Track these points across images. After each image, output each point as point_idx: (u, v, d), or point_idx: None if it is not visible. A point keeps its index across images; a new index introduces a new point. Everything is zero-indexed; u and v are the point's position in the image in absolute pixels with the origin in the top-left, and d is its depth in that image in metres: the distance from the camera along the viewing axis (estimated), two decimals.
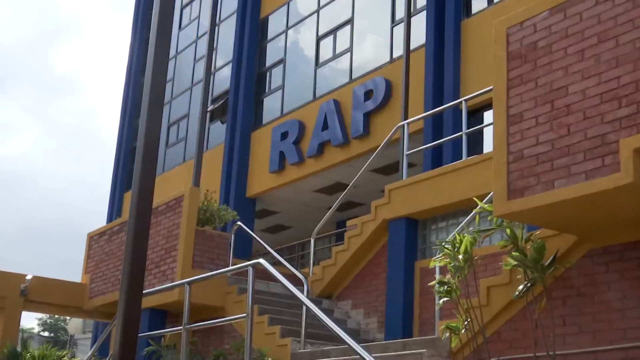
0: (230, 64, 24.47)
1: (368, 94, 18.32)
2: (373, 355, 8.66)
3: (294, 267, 14.89)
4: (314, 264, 15.12)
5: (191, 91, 26.40)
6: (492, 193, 8.52)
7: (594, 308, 8.46)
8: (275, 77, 23.13)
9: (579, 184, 7.32)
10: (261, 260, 9.58)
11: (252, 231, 18.04)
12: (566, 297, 8.72)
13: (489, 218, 9.18)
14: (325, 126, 19.28)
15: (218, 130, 24.39)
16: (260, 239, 17.09)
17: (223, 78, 25.02)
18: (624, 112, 7.11)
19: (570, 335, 8.59)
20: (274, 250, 15.98)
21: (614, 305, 8.28)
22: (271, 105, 22.76)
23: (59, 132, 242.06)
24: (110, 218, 28.71)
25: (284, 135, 20.74)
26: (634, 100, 7.05)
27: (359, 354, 8.25)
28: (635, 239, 8.16)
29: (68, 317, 42.37)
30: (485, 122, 13.36)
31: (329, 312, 12.79)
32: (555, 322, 8.68)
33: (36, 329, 62.19)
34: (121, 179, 29.51)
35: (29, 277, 17.23)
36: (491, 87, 8.69)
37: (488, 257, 10.11)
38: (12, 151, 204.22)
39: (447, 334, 9.55)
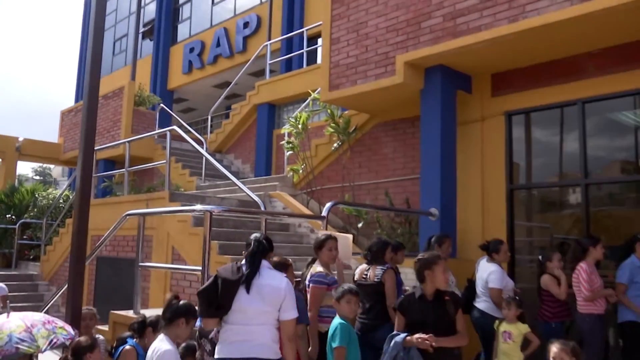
0: (155, 0, 22.96)
1: (246, 24, 17.64)
2: (247, 186, 8.74)
3: (198, 134, 14.64)
4: (210, 132, 14.88)
5: (129, 19, 24.50)
6: (319, 88, 8.54)
7: (377, 157, 8.78)
8: (185, 11, 21.85)
9: (371, 82, 7.43)
10: (175, 127, 9.34)
11: (171, 111, 17.50)
12: (362, 151, 9.00)
13: (318, 103, 9.23)
14: (218, 44, 18.54)
15: (147, 45, 22.99)
16: (177, 116, 16.65)
17: (150, 10, 23.37)
18: (399, 39, 7.19)
19: (363, 173, 8.93)
20: (186, 123, 15.67)
21: (389, 155, 8.62)
22: (183, 30, 21.55)
23: (45, 44, 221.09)
24: (76, 101, 27.01)
25: (191, 50, 19.84)
26: (405, 32, 7.12)
27: (237, 185, 8.33)
28: (402, 117, 8.44)
29: (51, 166, 40.43)
30: (319, 44, 13.18)
31: (220, 161, 12.72)
32: (354, 165, 8.99)
33: (30, 175, 58.58)
34: (83, 76, 27.63)
35: (21, 138, 16.27)
36: (321, 21, 8.55)
37: (317, 127, 10.24)
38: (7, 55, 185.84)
39: (291, 174, 9.74)
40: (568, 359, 3.65)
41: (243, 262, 3.67)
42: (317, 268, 4.74)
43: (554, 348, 3.77)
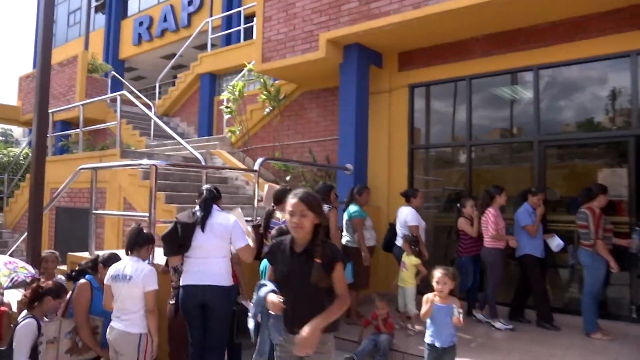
0: None
1: (190, 2, 16.81)
2: (191, 145, 8.53)
3: (148, 99, 14.02)
4: (158, 98, 14.29)
5: None
6: (254, 60, 8.35)
7: (303, 121, 8.77)
8: None
9: (298, 56, 7.35)
10: (124, 92, 8.86)
11: (123, 79, 16.62)
12: (290, 116, 8.95)
13: (252, 73, 9.04)
14: (165, 20, 17.61)
15: (100, 18, 21.52)
16: (128, 83, 15.83)
17: None
18: (323, 19, 7.11)
19: (292, 134, 8.90)
20: (136, 90, 14.93)
21: (313, 119, 8.63)
22: (132, 5, 20.23)
23: (6, 11, 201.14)
24: (34, 67, 25.09)
25: (141, 24, 18.74)
26: (328, 13, 7.05)
27: (182, 144, 8.10)
28: (324, 87, 8.42)
29: (12, 127, 37.66)
30: (254, 21, 12.81)
31: (167, 123, 12.28)
32: (284, 128, 8.95)
33: None
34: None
35: None
36: (256, 1, 8.26)
37: (251, 95, 10.07)
38: None
39: (230, 134, 9.59)
40: (450, 282, 3.60)
41: (197, 208, 3.81)
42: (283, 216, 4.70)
43: (437, 273, 3.62)
